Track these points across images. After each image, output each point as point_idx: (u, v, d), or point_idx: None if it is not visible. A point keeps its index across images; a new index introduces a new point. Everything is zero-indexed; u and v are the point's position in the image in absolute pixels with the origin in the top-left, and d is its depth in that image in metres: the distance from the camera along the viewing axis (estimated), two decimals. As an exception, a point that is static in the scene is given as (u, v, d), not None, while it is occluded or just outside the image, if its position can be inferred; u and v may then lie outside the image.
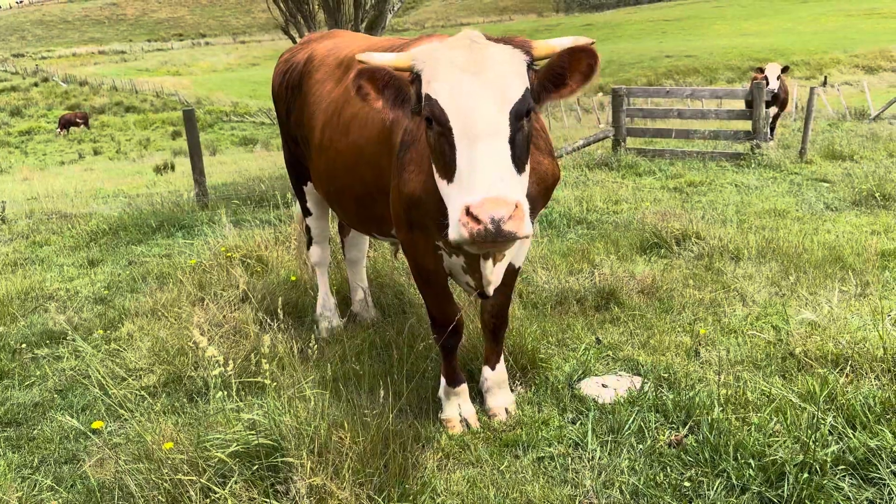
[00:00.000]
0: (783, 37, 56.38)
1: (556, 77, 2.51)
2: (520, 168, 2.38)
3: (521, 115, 2.39)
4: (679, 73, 46.70)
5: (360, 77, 2.50)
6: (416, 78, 2.52)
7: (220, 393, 3.19)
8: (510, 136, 2.34)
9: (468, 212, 2.19)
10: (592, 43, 2.48)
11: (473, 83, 2.36)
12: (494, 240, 2.18)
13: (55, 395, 4.19)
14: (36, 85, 57.53)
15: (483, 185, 2.21)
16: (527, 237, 2.23)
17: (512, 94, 2.38)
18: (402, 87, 2.54)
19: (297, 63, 4.38)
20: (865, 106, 23.42)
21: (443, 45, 2.50)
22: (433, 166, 2.59)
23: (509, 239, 2.19)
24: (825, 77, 39.26)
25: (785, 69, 13.87)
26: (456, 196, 2.32)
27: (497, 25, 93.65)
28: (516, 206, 2.18)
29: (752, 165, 10.60)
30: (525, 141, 2.43)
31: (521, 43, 2.50)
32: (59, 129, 37.83)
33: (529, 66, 2.48)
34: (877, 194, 7.70)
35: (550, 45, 2.52)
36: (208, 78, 66.09)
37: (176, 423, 3.29)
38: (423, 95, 2.46)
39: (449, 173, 2.40)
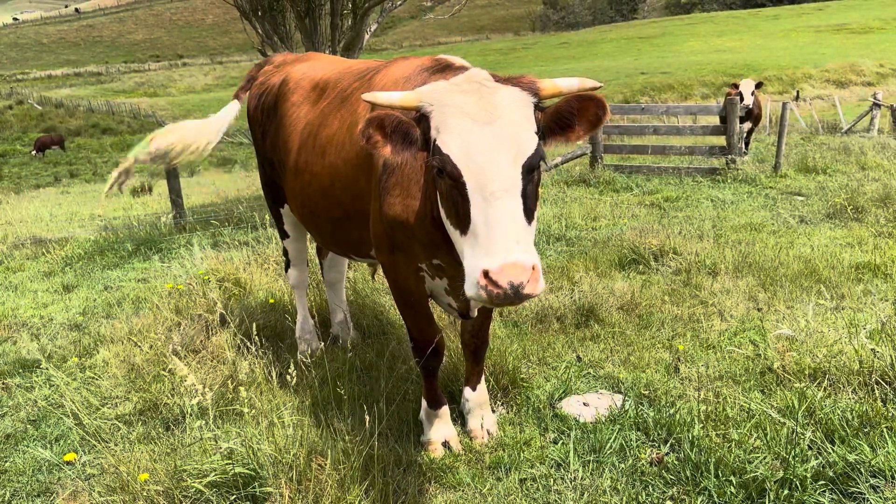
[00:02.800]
0: (755, 52, 57.36)
1: (563, 120, 2.51)
2: (530, 218, 2.38)
3: (534, 168, 2.39)
4: (654, 90, 47.27)
5: (370, 126, 2.46)
6: (423, 118, 2.50)
7: (198, 422, 3.13)
8: (522, 190, 2.34)
9: (487, 275, 2.20)
10: (600, 87, 2.49)
11: (485, 135, 2.34)
12: (513, 302, 2.22)
13: (28, 426, 4.10)
14: (10, 108, 56.97)
15: (501, 250, 2.22)
16: (541, 293, 2.25)
17: (525, 147, 2.37)
18: (409, 131, 2.51)
19: (272, 86, 4.37)
20: (837, 120, 23.88)
21: (451, 87, 2.48)
22: (443, 214, 2.55)
23: (527, 300, 2.23)
24: (797, 92, 39.95)
25: (759, 85, 14.10)
26: (471, 254, 2.31)
27: (474, 44, 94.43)
28: (533, 268, 2.21)
29: (728, 180, 10.73)
30: (535, 191, 2.43)
31: (529, 84, 2.49)
32: (34, 152, 37.42)
33: (537, 107, 2.48)
34: (850, 207, 7.82)
35: (557, 85, 2.51)
36: (186, 99, 65.84)
37: (152, 452, 3.23)
38: (433, 144, 2.44)
39: (462, 225, 2.38)
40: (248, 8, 11.44)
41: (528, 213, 2.36)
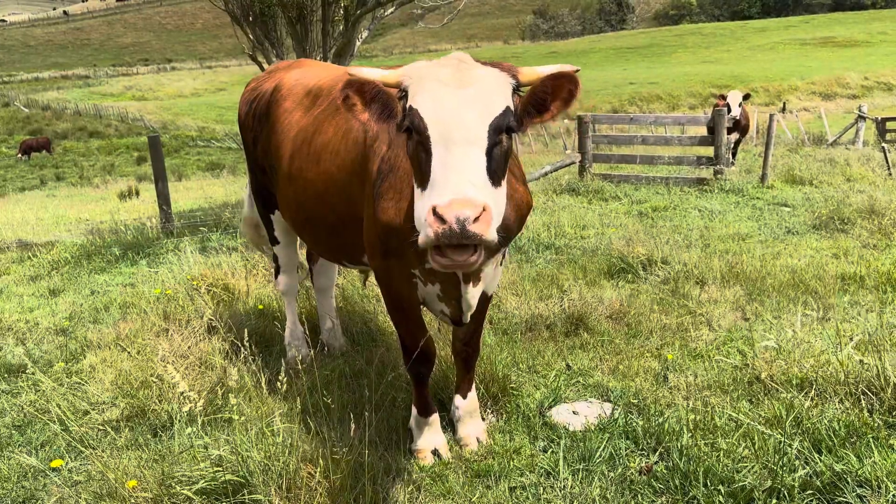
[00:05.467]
0: (742, 64, 57.90)
1: (538, 102, 2.53)
2: (495, 181, 2.36)
3: (501, 130, 2.40)
4: (642, 100, 47.61)
5: (349, 87, 2.49)
6: (404, 94, 2.53)
7: (188, 429, 3.11)
8: (487, 148, 2.34)
9: (434, 212, 2.17)
10: (577, 70, 2.51)
11: (455, 95, 2.38)
12: (459, 240, 2.15)
13: (13, 432, 4.05)
14: (-4, 109, 56.50)
15: (452, 188, 2.21)
16: (492, 242, 2.19)
17: (493, 107, 2.39)
18: (390, 102, 2.55)
19: (265, 92, 4.36)
20: (823, 131, 24.15)
21: (431, 64, 2.54)
22: (412, 178, 2.57)
23: (474, 241, 2.15)
24: (784, 103, 40.35)
25: (746, 96, 14.25)
26: (426, 199, 2.30)
27: (464, 52, 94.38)
28: (483, 209, 2.16)
29: (715, 190, 10.81)
30: (503, 157, 2.43)
31: (509, 68, 2.54)
32: (19, 155, 37.10)
33: (515, 91, 2.51)
34: (836, 218, 7.90)
35: (537, 71, 2.55)
36: (174, 103, 65.53)
37: (140, 459, 3.21)
38: (407, 108, 2.48)
39: (424, 181, 2.38)
40: (240, 13, 11.42)
41: (493, 176, 2.34)
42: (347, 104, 2.51)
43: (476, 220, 2.13)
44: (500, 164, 2.40)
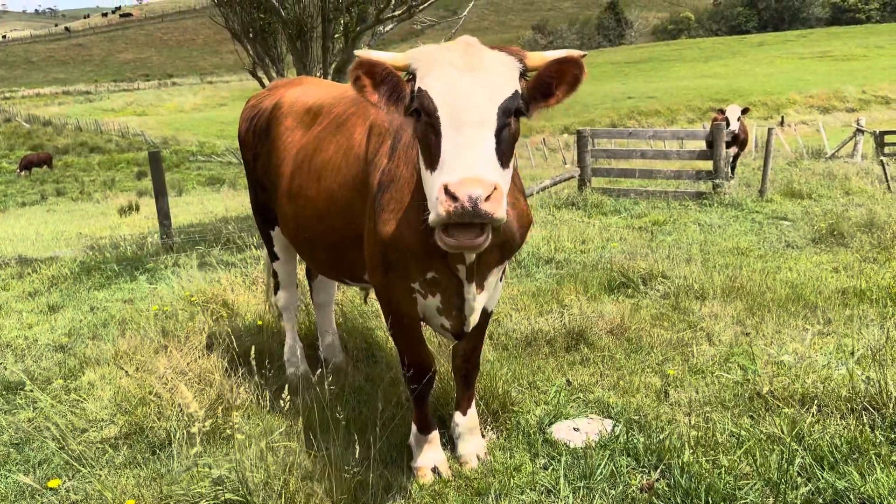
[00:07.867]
0: (741, 78, 58.17)
1: (544, 86, 2.56)
2: (503, 163, 2.40)
3: (510, 113, 2.43)
4: (641, 114, 47.79)
5: (360, 69, 2.51)
6: (412, 77, 2.56)
7: (192, 449, 3.09)
8: (497, 129, 2.38)
9: (446, 190, 2.20)
10: (583, 55, 2.54)
11: (465, 78, 2.41)
12: (471, 218, 2.19)
13: (11, 450, 4.02)
14: (-3, 125, 56.67)
15: (463, 167, 2.24)
16: (502, 221, 2.24)
17: (502, 90, 2.42)
18: (399, 85, 2.57)
19: (265, 109, 4.37)
20: (821, 145, 24.19)
21: (439, 47, 2.57)
22: (421, 163, 2.59)
23: (485, 219, 2.20)
24: (782, 117, 40.53)
25: (745, 111, 14.30)
26: (437, 179, 2.33)
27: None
28: (495, 188, 2.19)
29: (715, 204, 10.82)
30: (511, 139, 2.47)
31: (516, 52, 2.57)
32: (19, 171, 37.14)
33: (522, 75, 2.54)
34: (835, 232, 7.90)
35: (544, 56, 2.58)
36: (175, 118, 65.80)
37: (138, 477, 3.19)
38: (416, 90, 2.50)
39: (433, 162, 2.41)
40: (240, 30, 11.48)
41: (502, 157, 2.38)
42: (358, 85, 2.53)
43: (487, 198, 2.17)
44: (508, 146, 2.45)
